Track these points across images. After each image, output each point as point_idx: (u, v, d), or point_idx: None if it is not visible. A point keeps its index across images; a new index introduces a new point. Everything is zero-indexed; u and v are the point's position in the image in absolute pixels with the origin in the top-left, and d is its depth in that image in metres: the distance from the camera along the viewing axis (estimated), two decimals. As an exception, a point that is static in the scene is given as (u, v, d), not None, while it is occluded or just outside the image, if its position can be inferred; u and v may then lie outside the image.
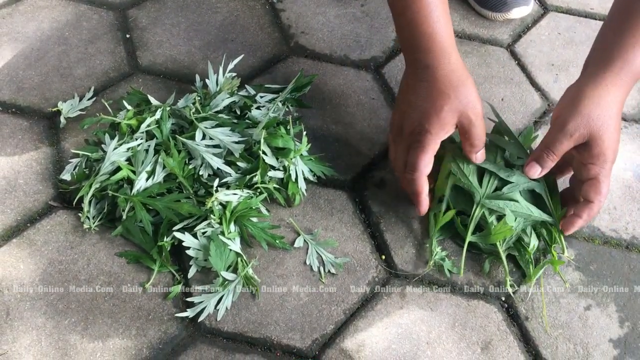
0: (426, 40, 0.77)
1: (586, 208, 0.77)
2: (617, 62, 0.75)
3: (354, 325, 0.78)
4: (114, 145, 0.83)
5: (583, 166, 0.77)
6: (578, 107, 0.75)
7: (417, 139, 0.79)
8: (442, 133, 0.78)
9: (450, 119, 0.77)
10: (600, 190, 0.76)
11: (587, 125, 0.74)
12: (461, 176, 0.82)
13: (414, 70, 0.80)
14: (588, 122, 0.74)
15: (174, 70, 1.04)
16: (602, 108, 0.74)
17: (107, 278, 0.80)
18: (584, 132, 0.75)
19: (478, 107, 0.78)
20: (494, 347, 0.76)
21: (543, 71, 1.10)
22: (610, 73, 0.75)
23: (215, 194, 0.81)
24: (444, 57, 0.77)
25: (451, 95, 0.76)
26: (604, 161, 0.75)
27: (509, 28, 1.17)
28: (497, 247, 0.81)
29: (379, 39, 1.13)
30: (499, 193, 0.80)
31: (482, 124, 0.79)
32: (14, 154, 0.90)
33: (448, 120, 0.77)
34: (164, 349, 0.75)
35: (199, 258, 0.80)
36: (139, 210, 0.80)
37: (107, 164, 0.81)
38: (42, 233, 0.83)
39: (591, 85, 0.76)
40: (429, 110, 0.77)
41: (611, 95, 0.75)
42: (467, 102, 0.77)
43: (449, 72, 0.77)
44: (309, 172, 0.89)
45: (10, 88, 0.98)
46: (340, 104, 1.02)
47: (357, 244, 0.85)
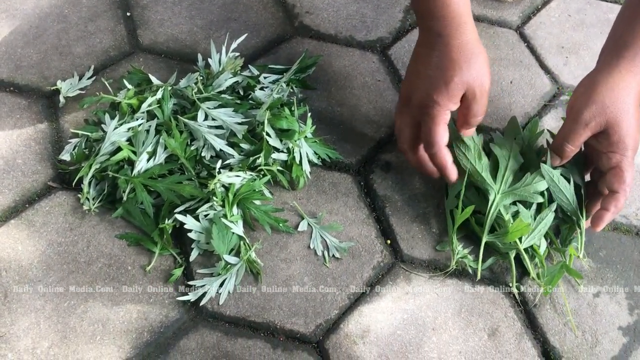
0: (440, 7, 0.73)
1: (612, 200, 0.75)
2: (632, 48, 0.73)
3: (359, 310, 0.76)
4: (114, 125, 0.81)
5: (604, 155, 0.75)
6: (592, 96, 0.73)
7: (425, 112, 0.76)
8: (450, 104, 0.75)
9: (458, 91, 0.74)
10: (625, 179, 0.73)
11: (603, 113, 0.72)
12: (474, 173, 0.79)
13: (426, 38, 0.77)
14: (603, 110, 0.72)
15: (175, 49, 1.02)
16: (617, 95, 0.72)
17: (108, 260, 0.78)
18: (600, 120, 0.73)
19: (486, 83, 0.75)
20: (501, 334, 0.75)
21: (553, 54, 1.07)
22: (623, 60, 0.73)
23: (218, 176, 0.79)
24: (459, 26, 0.74)
25: (463, 66, 0.73)
26: (624, 148, 0.73)
27: (518, 9, 1.14)
28: (516, 245, 0.77)
29: (385, 20, 1.10)
30: (515, 187, 0.78)
31: (484, 102, 0.77)
32: (12, 133, 0.88)
33: (456, 92, 0.74)
34: (165, 333, 0.73)
35: (201, 241, 0.78)
36: (140, 191, 0.78)
37: (107, 144, 0.79)
38: (41, 214, 0.81)
39: (604, 73, 0.74)
40: (438, 80, 0.74)
41: (625, 82, 0.73)
42: (477, 75, 0.74)
43: (463, 42, 0.74)
44: (314, 155, 0.87)
45: (8, 66, 0.96)
46: (346, 85, 0.99)
47: (362, 228, 0.84)
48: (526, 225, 0.74)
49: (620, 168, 0.74)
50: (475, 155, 0.79)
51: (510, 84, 1.02)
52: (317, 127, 0.92)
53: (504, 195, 0.78)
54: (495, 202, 0.78)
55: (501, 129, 0.95)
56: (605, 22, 1.12)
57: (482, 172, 0.78)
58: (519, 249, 0.77)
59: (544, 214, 0.77)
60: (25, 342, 0.71)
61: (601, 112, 0.73)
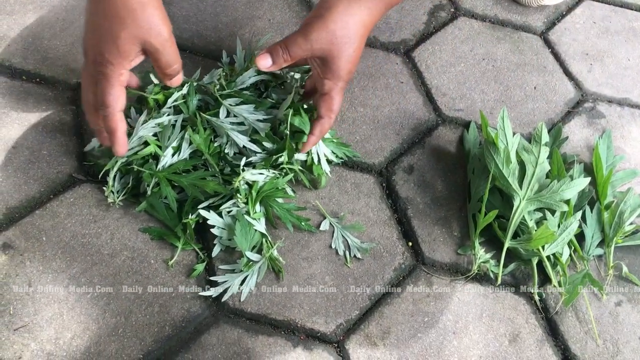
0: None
1: (318, 124, 0.78)
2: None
3: (379, 311, 0.77)
4: (143, 120, 0.81)
5: (320, 80, 0.76)
6: (326, 21, 0.73)
7: (99, 71, 0.71)
8: (125, 63, 0.71)
9: (130, 48, 0.70)
10: (332, 107, 0.77)
11: (330, 42, 0.73)
12: (500, 177, 0.79)
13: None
14: (331, 39, 0.73)
15: (200, 45, 1.02)
16: (349, 29, 0.73)
17: (131, 253, 0.78)
18: (325, 47, 0.73)
19: (163, 32, 0.71)
20: (522, 340, 0.75)
21: (577, 60, 1.07)
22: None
23: (242, 173, 0.79)
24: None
25: (127, 20, 0.68)
26: (337, 78, 0.75)
27: (543, 15, 1.14)
28: (539, 252, 0.77)
29: (409, 22, 1.10)
30: (541, 194, 0.78)
31: (170, 50, 0.73)
32: (38, 124, 0.89)
33: (128, 48, 0.70)
34: (187, 328, 0.74)
35: (224, 237, 0.79)
36: (164, 186, 0.78)
37: (135, 138, 0.79)
38: (65, 205, 0.82)
39: (345, 2, 0.73)
40: (107, 37, 0.69)
41: (360, 16, 0.73)
42: (148, 27, 0.69)
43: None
44: (332, 154, 0.87)
45: (35, 57, 0.96)
46: (369, 86, 0.99)
47: (383, 229, 0.84)
48: (551, 234, 0.74)
49: (330, 95, 0.76)
50: (503, 159, 0.79)
51: (534, 90, 1.02)
52: (339, 127, 0.92)
53: (529, 202, 0.78)
54: (520, 207, 0.78)
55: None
56: (631, 30, 1.12)
57: (508, 177, 0.78)
58: (542, 256, 0.77)
59: (568, 222, 0.77)
60: (48, 332, 0.72)
61: (329, 41, 0.73)
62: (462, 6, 1.13)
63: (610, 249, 0.80)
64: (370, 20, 0.74)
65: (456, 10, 1.13)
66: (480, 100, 0.99)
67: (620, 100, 1.02)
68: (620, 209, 0.81)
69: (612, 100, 1.02)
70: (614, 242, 0.80)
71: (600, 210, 0.82)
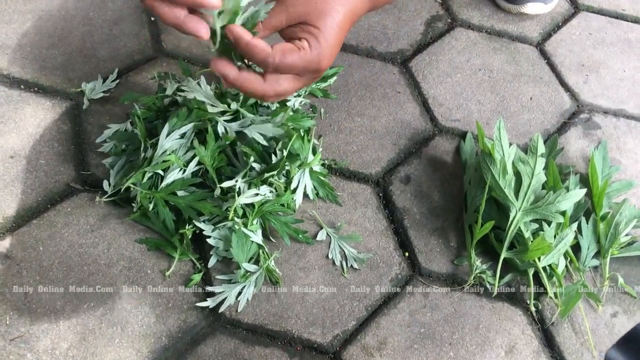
0: None
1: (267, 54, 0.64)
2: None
3: (376, 322, 0.77)
4: (167, 131, 0.79)
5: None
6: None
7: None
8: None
9: None
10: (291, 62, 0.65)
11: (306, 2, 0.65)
12: (496, 188, 0.79)
13: None
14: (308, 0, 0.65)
15: (198, 54, 1.02)
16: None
17: (127, 263, 0.78)
18: (301, 9, 0.65)
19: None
20: (519, 351, 0.75)
21: (573, 71, 1.08)
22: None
23: (238, 199, 0.78)
24: None
25: None
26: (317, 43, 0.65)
27: (539, 26, 1.15)
28: (535, 264, 0.77)
29: (407, 32, 1.11)
30: (537, 205, 0.78)
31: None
32: (36, 133, 0.89)
33: None
34: (183, 338, 0.74)
35: (220, 247, 0.79)
36: (162, 208, 0.78)
37: (160, 152, 0.78)
38: (62, 215, 0.82)
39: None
40: None
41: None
42: None
43: None
44: (312, 191, 0.85)
45: (33, 67, 0.97)
46: (366, 96, 1.00)
47: (380, 239, 0.84)
48: (548, 245, 0.74)
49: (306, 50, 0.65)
50: (500, 170, 0.79)
51: (530, 100, 1.02)
52: (336, 137, 0.93)
53: (525, 213, 0.78)
54: (516, 219, 0.78)
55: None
56: (626, 42, 1.12)
57: (504, 188, 0.79)
58: (538, 267, 0.77)
59: (564, 233, 0.78)
60: (44, 343, 0.72)
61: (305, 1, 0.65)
62: (459, 17, 1.14)
63: (606, 260, 0.81)
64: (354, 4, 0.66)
65: (453, 21, 1.14)
66: (477, 110, 1.00)
67: (616, 112, 1.02)
68: (616, 220, 0.82)
69: (608, 112, 1.02)
70: (610, 253, 0.81)
71: (596, 221, 0.83)
